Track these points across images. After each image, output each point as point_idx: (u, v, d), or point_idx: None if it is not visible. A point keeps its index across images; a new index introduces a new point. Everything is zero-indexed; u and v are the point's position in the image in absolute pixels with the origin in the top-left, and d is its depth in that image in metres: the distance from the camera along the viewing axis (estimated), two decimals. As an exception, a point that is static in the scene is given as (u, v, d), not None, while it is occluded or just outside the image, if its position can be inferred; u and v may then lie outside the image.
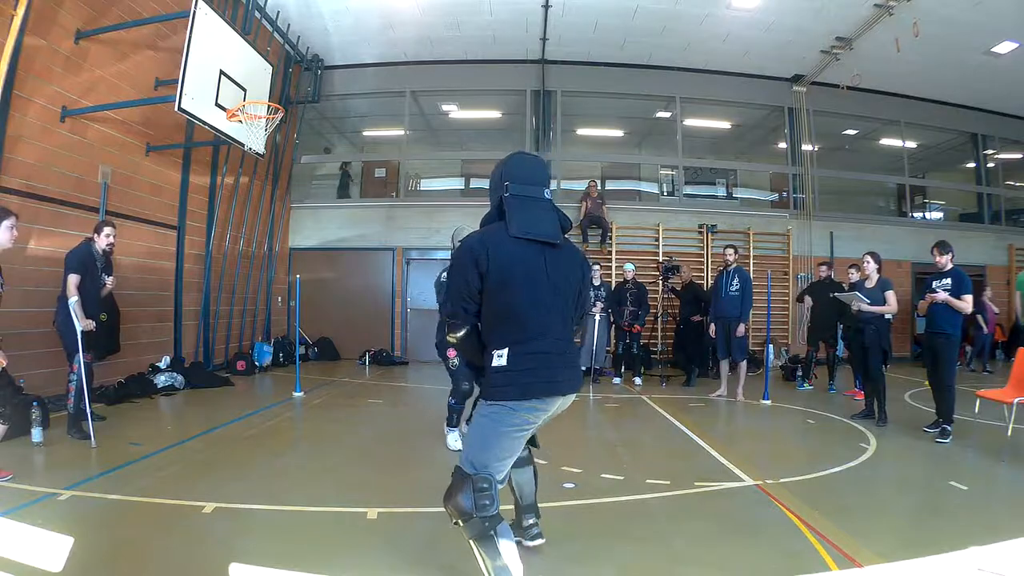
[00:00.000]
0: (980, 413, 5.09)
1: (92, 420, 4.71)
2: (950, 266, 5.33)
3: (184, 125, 7.54)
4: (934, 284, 5.36)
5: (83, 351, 4.63)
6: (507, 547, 2.14)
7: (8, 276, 5.48)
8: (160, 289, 7.84)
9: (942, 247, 5.38)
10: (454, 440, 4.80)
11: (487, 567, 2.13)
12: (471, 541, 2.16)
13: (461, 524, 2.15)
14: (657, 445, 5.17)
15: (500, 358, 2.18)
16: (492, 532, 2.13)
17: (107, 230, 5.14)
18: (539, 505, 2.90)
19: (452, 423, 4.88)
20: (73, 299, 4.65)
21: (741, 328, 7.09)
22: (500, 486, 2.21)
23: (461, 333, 2.27)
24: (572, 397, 2.32)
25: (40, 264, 5.73)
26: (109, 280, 5.20)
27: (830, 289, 7.83)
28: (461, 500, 2.12)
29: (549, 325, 2.22)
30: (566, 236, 2.37)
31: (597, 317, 8.22)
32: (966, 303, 5.18)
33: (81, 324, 4.62)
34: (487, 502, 2.12)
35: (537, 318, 2.20)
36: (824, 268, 8.25)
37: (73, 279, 4.75)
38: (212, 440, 4.94)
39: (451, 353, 4.74)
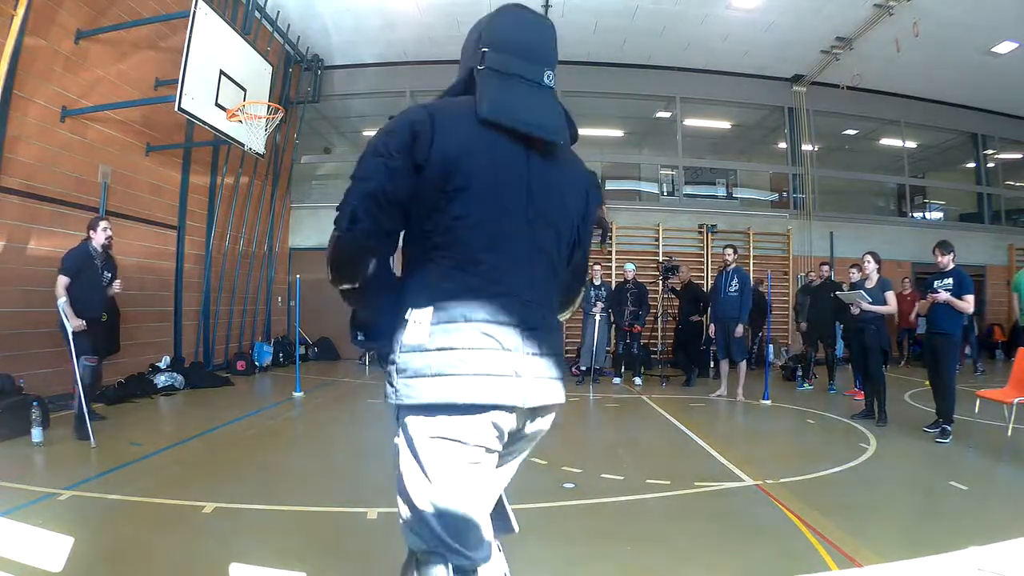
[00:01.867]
0: (980, 413, 5.09)
1: (91, 420, 4.68)
2: (951, 266, 5.32)
3: (184, 125, 7.54)
4: (935, 284, 5.36)
5: (76, 354, 4.57)
6: None
7: (8, 276, 5.51)
8: (160, 289, 7.84)
9: (944, 247, 5.38)
10: None
11: None
12: None
13: None
14: (657, 445, 5.16)
15: (417, 325, 1.25)
16: None
17: (103, 224, 5.07)
18: (539, 505, 2.88)
19: None
20: (61, 300, 4.61)
21: (739, 329, 7.10)
22: (475, 563, 1.27)
23: (357, 270, 1.30)
24: (550, 417, 1.42)
25: (40, 264, 5.73)
26: (116, 284, 5.18)
27: (830, 289, 7.83)
28: None
29: (517, 274, 1.30)
30: (571, 140, 1.47)
31: (597, 317, 8.22)
32: (968, 303, 5.18)
33: (72, 325, 4.58)
34: None
35: (497, 258, 1.28)
36: (825, 268, 8.26)
37: (61, 280, 4.71)
38: (212, 440, 4.94)
39: None
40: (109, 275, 5.12)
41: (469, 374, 1.22)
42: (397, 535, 3.14)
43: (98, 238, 5.02)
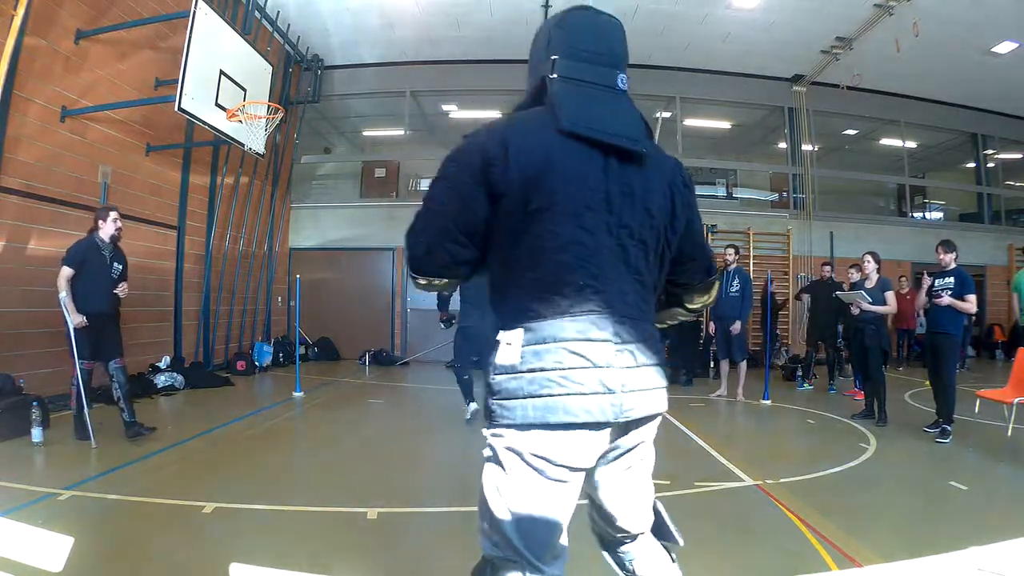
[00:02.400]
0: (980, 413, 5.09)
1: (132, 424, 4.66)
2: (953, 265, 5.30)
3: (184, 125, 7.54)
4: (936, 283, 5.34)
5: (78, 356, 4.45)
6: None
7: (8, 276, 5.51)
8: (160, 289, 7.84)
9: (947, 246, 5.36)
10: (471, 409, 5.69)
11: None
12: None
13: None
14: (657, 445, 5.14)
15: (509, 347, 1.25)
16: None
17: (113, 214, 4.76)
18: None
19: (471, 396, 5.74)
20: (61, 294, 4.43)
21: (737, 325, 7.06)
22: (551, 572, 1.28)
23: (441, 282, 1.37)
24: (650, 426, 1.38)
25: (40, 264, 5.73)
26: (123, 287, 4.86)
27: (831, 289, 7.84)
28: None
29: (606, 290, 1.27)
30: (654, 143, 1.38)
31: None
32: (970, 303, 5.17)
33: (73, 320, 4.42)
34: None
35: (584, 276, 1.25)
36: (827, 268, 8.26)
37: (64, 272, 4.48)
38: (212, 440, 4.94)
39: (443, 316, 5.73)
40: (120, 267, 4.81)
41: (560, 394, 1.21)
42: (397, 535, 3.14)
43: (107, 228, 4.74)
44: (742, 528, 3.14)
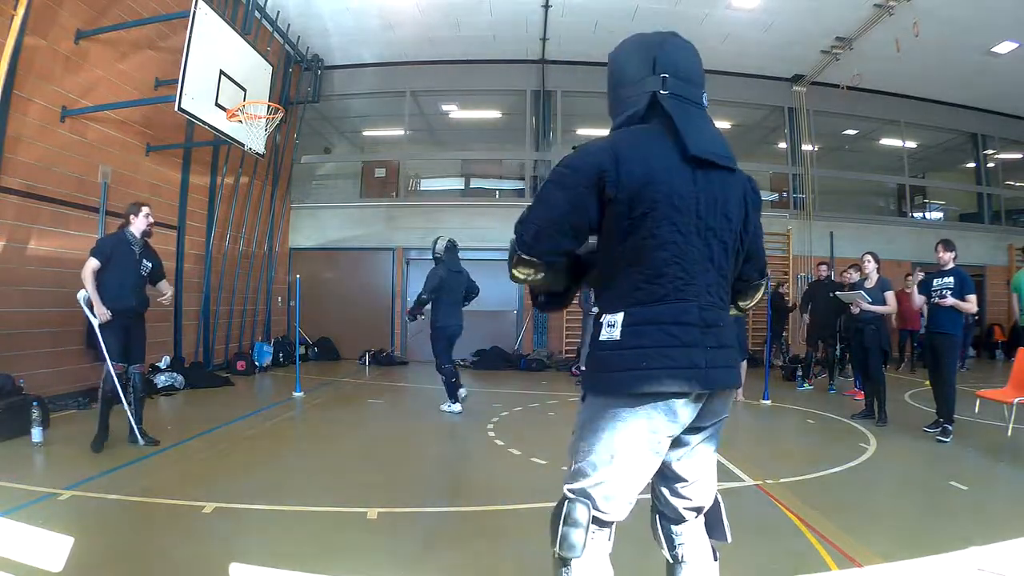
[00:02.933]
0: (980, 413, 5.09)
1: (140, 432, 4.51)
2: (952, 264, 5.29)
3: (184, 125, 7.54)
4: (935, 282, 5.34)
5: (109, 358, 4.27)
6: None
7: (8, 276, 5.51)
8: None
9: (947, 244, 5.35)
10: (447, 407, 6.15)
11: None
12: None
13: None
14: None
15: (611, 328, 1.49)
16: None
17: (145, 210, 4.58)
18: (540, 505, 2.88)
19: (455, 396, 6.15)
20: (81, 292, 4.25)
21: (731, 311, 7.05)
22: (607, 518, 1.52)
23: (531, 274, 1.56)
24: (730, 396, 1.62)
25: (40, 264, 5.74)
26: (166, 288, 4.71)
27: (830, 289, 7.83)
28: (551, 525, 1.54)
29: (695, 282, 1.49)
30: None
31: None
32: (971, 303, 5.17)
33: (97, 314, 4.22)
34: (572, 540, 1.48)
35: (678, 271, 1.47)
36: (824, 268, 8.26)
37: (90, 264, 4.27)
38: (212, 440, 4.94)
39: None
40: (150, 265, 4.59)
41: (657, 368, 1.44)
42: (397, 535, 3.13)
43: (139, 224, 4.54)
44: (742, 528, 3.12)
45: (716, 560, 1.67)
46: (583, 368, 8.38)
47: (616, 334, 1.48)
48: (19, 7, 5.22)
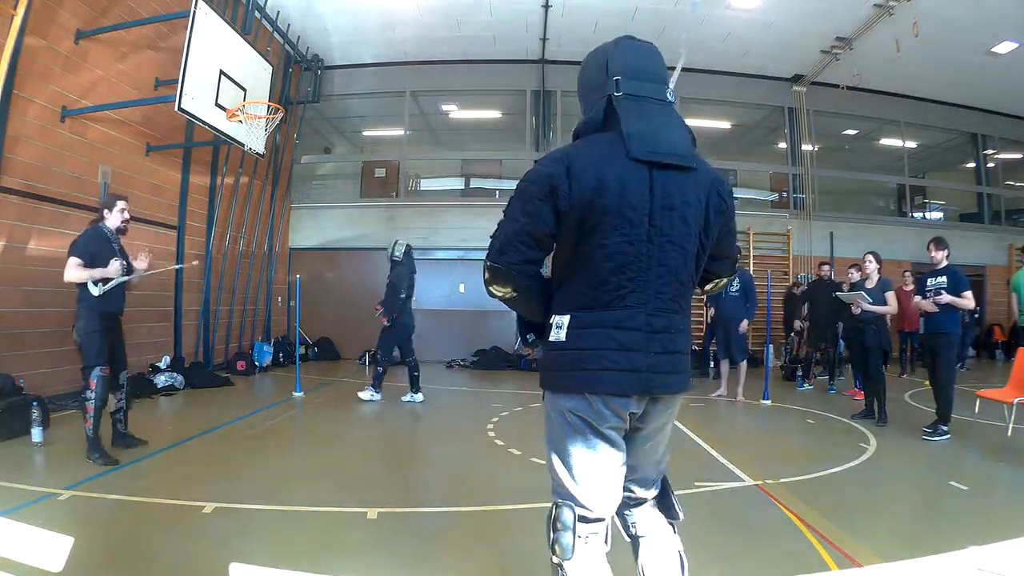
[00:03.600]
0: (980, 413, 5.09)
1: (123, 439, 4.37)
2: (945, 263, 5.28)
3: (184, 125, 7.54)
4: (928, 281, 5.32)
5: (97, 361, 4.07)
6: None
7: (8, 276, 5.52)
8: (160, 289, 7.84)
9: (938, 243, 5.33)
10: (372, 395, 6.66)
11: None
12: None
13: None
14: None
15: (558, 330, 1.57)
16: None
17: (121, 204, 4.32)
18: (540, 505, 2.87)
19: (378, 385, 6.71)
20: (92, 288, 4.04)
21: (744, 324, 7.09)
22: (598, 519, 1.58)
23: (508, 288, 1.61)
24: (673, 401, 1.65)
25: (40, 264, 5.73)
26: (142, 259, 4.43)
27: (830, 289, 7.83)
28: (546, 534, 1.60)
29: (640, 289, 1.52)
30: (698, 158, 1.61)
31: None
32: (967, 300, 5.15)
33: (110, 271, 4.04)
34: (563, 543, 1.54)
35: (622, 277, 1.51)
36: (825, 268, 8.26)
37: (72, 264, 4.02)
38: (212, 440, 4.94)
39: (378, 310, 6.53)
40: (127, 264, 4.38)
41: (596, 369, 1.50)
42: (397, 535, 3.14)
43: (113, 219, 4.30)
44: (742, 528, 3.14)
45: (676, 532, 1.74)
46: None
47: (562, 335, 1.56)
48: (19, 7, 5.22)
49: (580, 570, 1.55)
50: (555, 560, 1.57)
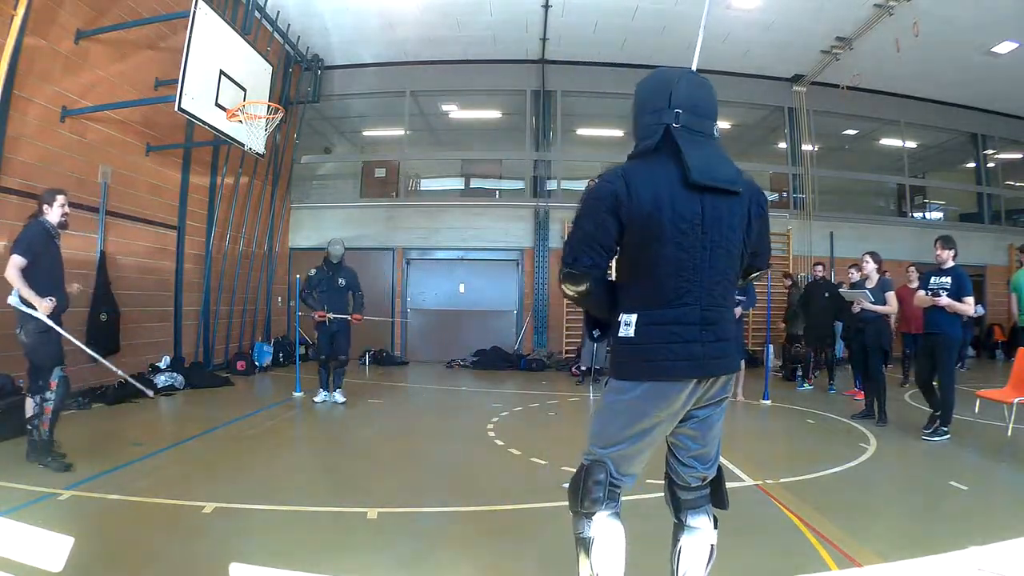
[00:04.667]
0: (980, 413, 5.08)
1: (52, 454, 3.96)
2: (951, 263, 5.13)
3: (184, 125, 7.54)
4: (932, 280, 5.19)
5: (53, 363, 3.92)
6: (604, 556, 1.81)
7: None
8: (160, 289, 7.84)
9: (946, 242, 5.17)
10: (319, 397, 6.60)
11: (580, 571, 1.87)
12: (574, 537, 1.89)
13: (571, 513, 1.90)
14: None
15: (627, 327, 1.80)
16: (590, 536, 1.83)
17: (61, 198, 4.09)
18: (539, 505, 2.88)
19: (320, 384, 6.64)
20: (13, 295, 3.78)
21: (737, 310, 6.97)
22: (623, 484, 1.88)
23: (582, 288, 1.84)
24: (729, 380, 1.89)
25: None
26: (75, 287, 4.24)
27: (824, 289, 7.83)
28: (571, 488, 1.87)
29: (695, 289, 1.77)
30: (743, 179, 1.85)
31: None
32: (968, 305, 5.00)
33: (41, 309, 3.76)
34: (596, 495, 1.81)
35: (679, 280, 1.76)
36: (819, 268, 8.25)
37: (14, 262, 3.75)
38: (212, 440, 4.94)
39: (319, 315, 6.51)
40: (60, 304, 4.09)
41: (660, 359, 1.75)
42: (397, 535, 3.13)
43: (54, 214, 4.05)
44: (742, 528, 3.13)
45: (716, 528, 1.94)
46: (583, 368, 8.41)
47: (631, 332, 1.79)
48: (19, 7, 5.22)
49: (604, 522, 1.82)
50: (583, 510, 1.82)
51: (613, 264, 1.90)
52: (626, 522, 1.88)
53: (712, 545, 1.93)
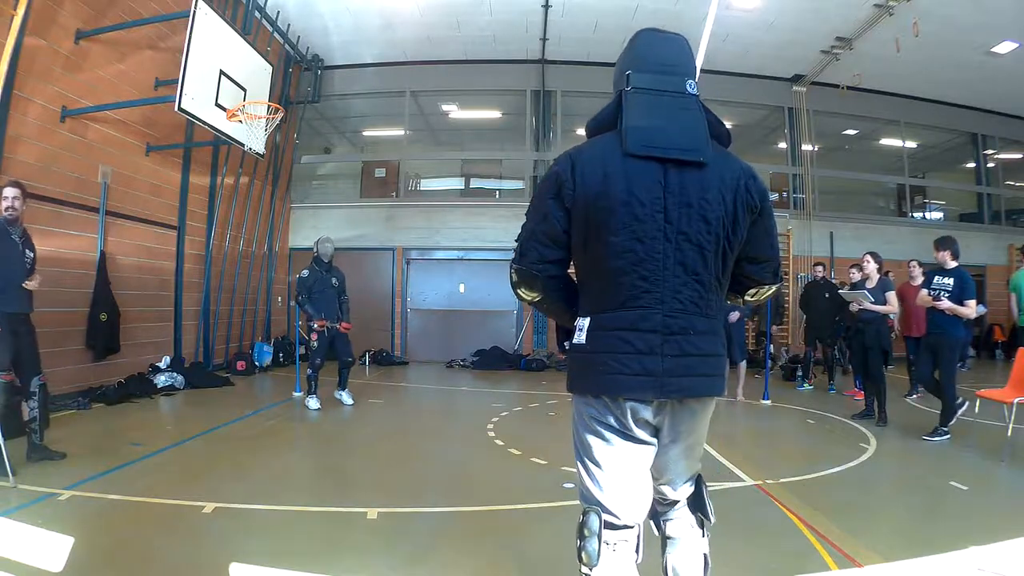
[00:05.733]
0: (980, 413, 5.08)
1: (38, 451, 3.97)
2: (952, 264, 5.10)
3: (184, 125, 7.54)
4: (935, 279, 5.17)
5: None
6: None
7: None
8: (160, 289, 7.84)
9: (942, 243, 5.15)
10: (314, 403, 6.33)
11: None
12: None
13: None
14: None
15: (580, 332, 1.56)
16: None
17: (5, 191, 3.83)
18: (539, 505, 2.88)
19: (311, 391, 6.39)
20: None
21: (734, 315, 6.96)
22: (624, 525, 1.56)
23: (535, 293, 1.60)
24: (700, 405, 1.58)
25: (40, 264, 5.66)
26: (35, 280, 3.96)
27: (824, 289, 7.83)
28: (576, 542, 1.57)
29: (655, 289, 1.47)
30: (720, 147, 1.56)
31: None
32: (969, 309, 4.98)
33: None
34: (590, 550, 1.51)
35: (635, 278, 1.47)
36: (819, 268, 8.25)
37: None
38: (212, 440, 4.94)
39: (320, 323, 6.31)
40: (32, 255, 3.97)
41: (612, 372, 1.48)
42: (397, 535, 3.14)
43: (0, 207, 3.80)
44: (742, 528, 3.13)
45: (705, 536, 1.71)
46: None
47: (583, 338, 1.55)
48: (19, 7, 5.22)
49: None
50: (583, 570, 1.53)
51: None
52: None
53: (705, 555, 1.69)
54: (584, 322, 1.55)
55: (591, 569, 1.51)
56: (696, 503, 1.72)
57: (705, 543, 1.71)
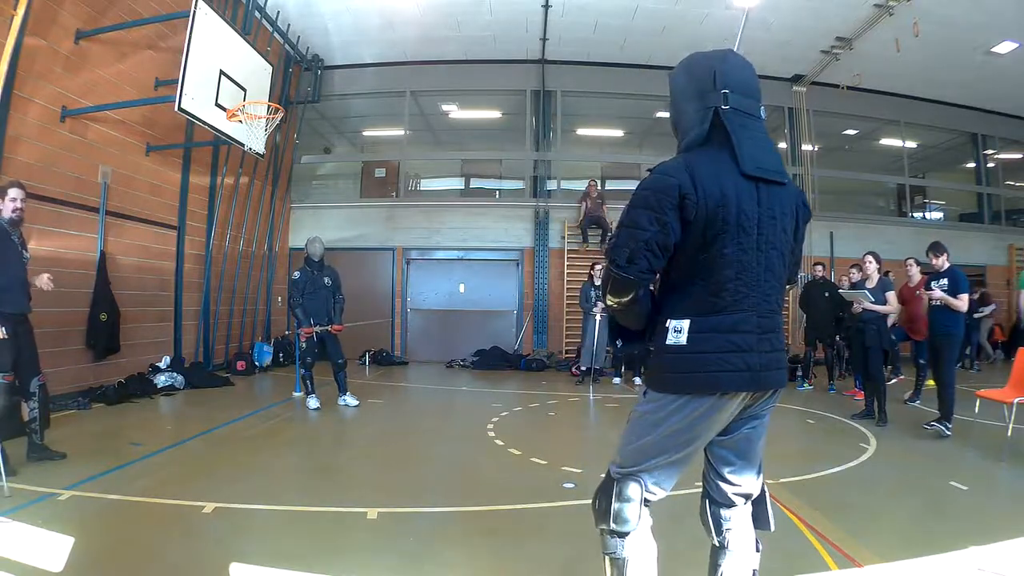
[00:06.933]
0: (980, 413, 5.09)
1: (39, 451, 3.98)
2: (946, 266, 5.41)
3: (184, 125, 7.54)
4: (932, 284, 5.45)
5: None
6: None
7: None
8: (160, 289, 7.84)
9: (936, 249, 5.45)
10: (314, 403, 6.36)
11: None
12: (604, 556, 1.75)
13: (599, 532, 1.75)
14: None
15: (678, 334, 1.64)
16: (623, 557, 1.69)
17: (12, 192, 3.80)
18: (539, 505, 2.88)
19: (310, 390, 6.50)
20: None
21: None
22: (654, 498, 1.75)
23: (629, 297, 1.68)
24: (778, 393, 1.75)
25: (40, 264, 5.68)
26: (46, 278, 3.97)
27: (823, 289, 7.83)
28: (599, 505, 1.75)
29: (753, 294, 1.64)
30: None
31: (598, 317, 8.20)
32: (962, 302, 5.25)
33: None
34: (626, 516, 1.68)
35: (738, 284, 1.62)
36: (819, 268, 8.25)
37: None
38: (212, 440, 4.94)
39: (306, 332, 6.42)
40: (28, 256, 3.99)
41: (716, 371, 1.61)
42: (397, 535, 3.13)
43: (5, 209, 3.80)
44: (742, 528, 3.13)
45: (758, 551, 1.81)
46: (583, 368, 8.41)
47: (683, 339, 1.64)
48: (19, 7, 5.21)
49: (639, 542, 1.69)
50: (615, 529, 1.68)
51: None
52: (665, 522, 1.86)
53: (755, 571, 1.80)
54: (682, 324, 1.65)
55: (626, 531, 1.67)
56: (758, 510, 1.84)
57: (757, 559, 1.82)
